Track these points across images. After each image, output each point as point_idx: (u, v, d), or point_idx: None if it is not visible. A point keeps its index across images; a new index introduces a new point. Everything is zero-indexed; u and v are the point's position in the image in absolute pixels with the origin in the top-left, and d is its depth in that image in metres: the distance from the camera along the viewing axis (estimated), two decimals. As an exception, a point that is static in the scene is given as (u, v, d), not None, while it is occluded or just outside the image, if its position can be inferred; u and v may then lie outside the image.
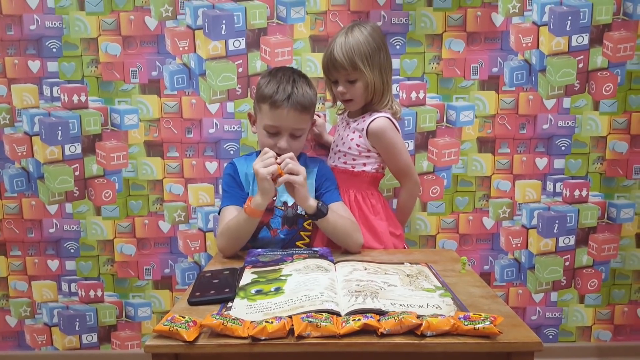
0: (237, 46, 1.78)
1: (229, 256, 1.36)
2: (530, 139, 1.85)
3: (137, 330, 1.97)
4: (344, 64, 1.41)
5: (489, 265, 1.94)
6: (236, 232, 1.33)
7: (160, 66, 1.79)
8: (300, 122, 1.38)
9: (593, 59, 1.79)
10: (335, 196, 1.45)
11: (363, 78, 1.43)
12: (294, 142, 1.39)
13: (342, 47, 1.41)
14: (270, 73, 1.41)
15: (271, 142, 1.37)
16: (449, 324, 0.82)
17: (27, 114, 1.81)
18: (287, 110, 1.33)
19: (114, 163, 1.85)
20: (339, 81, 1.47)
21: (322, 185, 1.47)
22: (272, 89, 1.34)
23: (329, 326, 0.82)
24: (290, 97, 1.33)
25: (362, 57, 1.41)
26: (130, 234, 1.90)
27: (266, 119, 1.36)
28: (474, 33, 1.78)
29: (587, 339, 2.00)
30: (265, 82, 1.38)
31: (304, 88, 1.37)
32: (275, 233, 1.44)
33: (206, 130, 1.83)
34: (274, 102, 1.33)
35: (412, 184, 1.57)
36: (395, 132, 1.48)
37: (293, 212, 1.44)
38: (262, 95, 1.37)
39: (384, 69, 1.47)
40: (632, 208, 1.90)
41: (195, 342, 0.83)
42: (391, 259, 1.27)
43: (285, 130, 1.37)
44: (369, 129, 1.46)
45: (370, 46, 1.42)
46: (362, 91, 1.46)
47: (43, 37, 1.77)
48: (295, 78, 1.38)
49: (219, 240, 1.37)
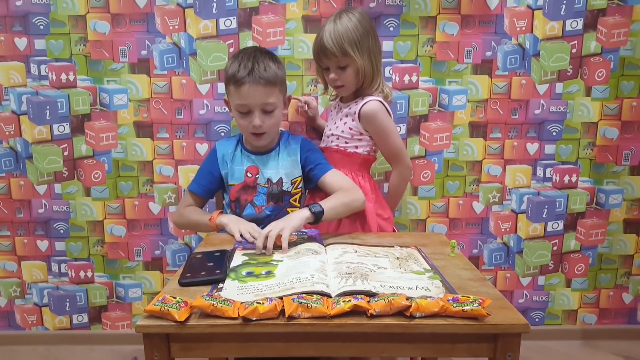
0: (228, 25, 1.75)
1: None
2: (522, 124, 1.85)
3: (128, 310, 1.98)
4: (334, 51, 1.42)
5: (477, 249, 1.95)
6: (194, 227, 1.52)
7: (150, 45, 1.76)
8: (267, 96, 1.37)
9: (587, 44, 1.79)
10: (325, 167, 1.46)
11: (353, 64, 1.44)
12: (267, 118, 1.39)
13: (331, 35, 1.42)
14: (233, 55, 1.42)
15: (245, 123, 1.39)
16: (437, 305, 0.82)
17: (15, 92, 1.78)
18: (249, 85, 1.34)
19: (103, 143, 1.83)
20: (330, 68, 1.48)
21: (308, 159, 1.48)
22: (235, 69, 1.36)
23: (320, 307, 0.82)
24: (251, 72, 1.34)
25: (351, 44, 1.42)
26: (120, 215, 1.89)
27: (235, 99, 1.38)
28: (468, 16, 1.76)
29: (572, 322, 2.03)
30: (229, 64, 1.40)
31: (266, 62, 1.37)
32: (260, 210, 1.46)
33: (196, 111, 1.81)
34: (237, 81, 1.35)
35: (404, 168, 1.57)
36: (386, 115, 1.49)
37: (278, 189, 1.46)
38: (227, 77, 1.39)
39: (374, 53, 1.48)
40: (621, 194, 1.91)
41: (186, 322, 0.83)
42: (381, 242, 1.28)
43: (255, 107, 1.37)
44: (361, 112, 1.47)
45: (359, 32, 1.43)
46: (353, 77, 1.47)
47: (30, 14, 1.73)
48: (257, 55, 1.38)
49: (176, 218, 1.53)
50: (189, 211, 1.47)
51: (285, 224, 1.20)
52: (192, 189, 1.51)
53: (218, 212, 1.40)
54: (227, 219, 1.36)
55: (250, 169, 1.47)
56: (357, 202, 1.40)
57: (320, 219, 1.30)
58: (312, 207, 1.29)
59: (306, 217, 1.27)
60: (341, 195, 1.38)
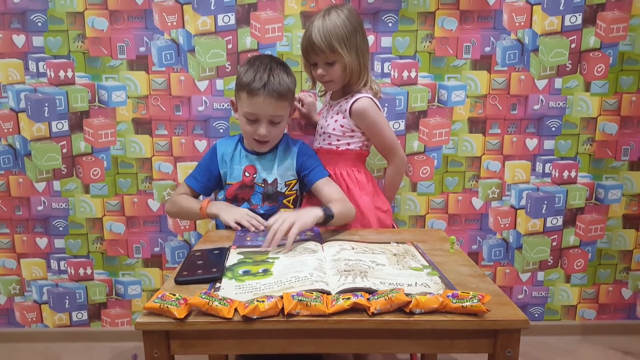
0: (227, 22, 1.75)
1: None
2: (521, 119, 1.85)
3: (127, 307, 1.98)
4: (322, 47, 1.43)
5: (477, 245, 1.95)
6: (185, 215, 1.61)
7: (148, 42, 1.76)
8: (278, 109, 1.40)
9: (586, 39, 1.79)
10: (319, 173, 1.48)
11: (341, 60, 1.45)
12: (273, 129, 1.42)
13: (319, 31, 1.43)
14: (248, 61, 1.44)
15: (251, 129, 1.42)
16: (437, 302, 0.83)
17: (13, 89, 1.77)
18: (264, 98, 1.36)
19: (102, 141, 1.83)
20: (318, 63, 1.49)
21: (304, 165, 1.50)
22: (250, 77, 1.37)
23: (319, 305, 0.82)
24: (266, 85, 1.36)
25: (339, 40, 1.43)
26: (119, 212, 1.89)
27: (245, 106, 1.40)
28: (467, 11, 1.76)
29: (572, 317, 2.03)
30: (243, 70, 1.41)
31: (281, 76, 1.39)
32: (255, 208, 1.48)
33: (195, 108, 1.81)
34: (251, 91, 1.36)
35: (399, 160, 1.59)
36: (377, 110, 1.51)
37: (273, 190, 1.49)
38: (240, 83, 1.40)
39: (361, 51, 1.49)
40: (620, 189, 1.91)
41: (185, 319, 0.83)
42: (380, 239, 1.28)
43: (263, 118, 1.40)
44: (352, 109, 1.49)
45: (347, 29, 1.44)
46: (340, 73, 1.48)
47: (28, 11, 1.72)
48: (273, 66, 1.40)
49: (169, 206, 1.57)
50: (181, 199, 1.50)
51: (296, 219, 1.18)
52: (189, 183, 1.53)
53: (207, 201, 1.43)
54: (217, 208, 1.39)
55: (248, 168, 1.49)
56: (352, 215, 1.42)
57: (327, 223, 1.30)
58: (326, 209, 1.28)
59: (318, 218, 1.26)
60: (345, 206, 1.38)
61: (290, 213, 1.22)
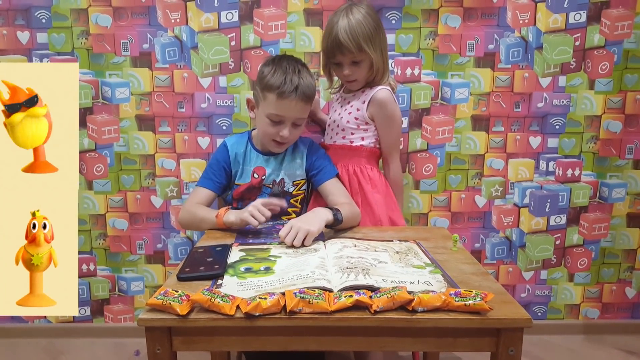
0: (230, 19, 1.74)
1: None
2: (525, 117, 1.84)
3: (130, 304, 1.98)
4: (351, 47, 1.41)
5: (480, 243, 1.95)
6: (199, 224, 1.39)
7: (151, 38, 1.76)
8: (304, 112, 1.41)
9: (590, 37, 1.78)
10: (328, 173, 1.48)
11: (368, 59, 1.44)
12: (295, 131, 1.42)
13: (346, 30, 1.40)
14: (274, 62, 1.40)
15: (273, 131, 1.39)
16: (440, 300, 0.82)
17: (16, 86, 1.78)
18: (295, 101, 1.35)
19: (105, 137, 1.83)
20: (344, 63, 1.47)
21: (314, 165, 1.49)
22: (280, 80, 1.34)
23: (321, 302, 0.82)
24: (297, 88, 1.34)
25: (366, 39, 1.41)
26: (123, 209, 1.89)
27: (271, 108, 1.37)
28: (471, 9, 1.75)
29: (575, 316, 2.03)
30: (270, 71, 1.37)
31: (308, 79, 1.38)
32: None
33: (198, 105, 1.81)
34: (281, 93, 1.34)
35: (397, 162, 1.59)
36: (396, 104, 1.52)
37: (280, 190, 1.49)
38: (268, 84, 1.36)
39: (384, 47, 1.49)
40: (624, 188, 1.91)
41: (188, 315, 0.83)
42: (382, 236, 1.28)
43: (288, 120, 1.38)
44: (373, 98, 1.48)
45: (371, 26, 1.42)
46: (366, 71, 1.47)
47: (32, 7, 1.72)
48: (300, 68, 1.38)
49: (182, 215, 1.45)
50: (196, 207, 1.42)
51: (308, 230, 1.16)
52: (204, 185, 1.46)
53: (225, 209, 1.34)
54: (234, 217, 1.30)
55: (258, 169, 1.48)
56: (358, 220, 1.42)
57: (334, 227, 1.30)
58: (337, 214, 1.27)
59: (327, 222, 1.25)
60: (351, 209, 1.38)
61: (300, 222, 1.19)
